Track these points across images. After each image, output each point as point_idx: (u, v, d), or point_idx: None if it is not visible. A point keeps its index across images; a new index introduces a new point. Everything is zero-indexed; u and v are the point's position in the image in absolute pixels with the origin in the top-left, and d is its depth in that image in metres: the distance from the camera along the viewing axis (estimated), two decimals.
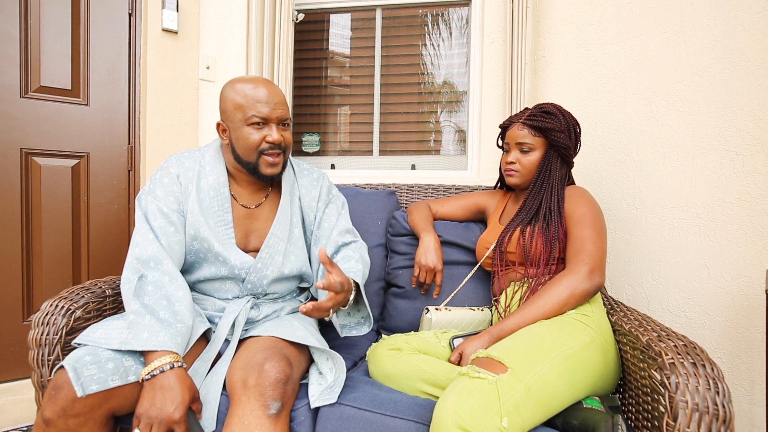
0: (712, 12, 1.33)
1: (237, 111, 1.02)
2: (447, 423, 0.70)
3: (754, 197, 1.26)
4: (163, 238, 0.99)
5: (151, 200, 1.02)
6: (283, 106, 1.05)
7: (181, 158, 1.08)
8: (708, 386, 0.69)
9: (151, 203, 1.01)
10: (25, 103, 1.57)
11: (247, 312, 1.05)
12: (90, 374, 0.80)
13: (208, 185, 1.06)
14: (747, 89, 1.27)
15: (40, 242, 1.60)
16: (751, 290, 1.27)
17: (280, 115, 1.03)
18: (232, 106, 1.02)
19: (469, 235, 1.35)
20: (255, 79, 1.04)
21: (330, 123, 2.05)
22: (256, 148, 1.02)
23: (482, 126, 1.77)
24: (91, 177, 1.68)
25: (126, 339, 0.86)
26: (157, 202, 1.01)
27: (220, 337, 1.00)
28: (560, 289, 0.96)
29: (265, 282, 1.07)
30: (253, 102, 1.01)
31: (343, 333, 1.10)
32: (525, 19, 1.60)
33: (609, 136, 1.53)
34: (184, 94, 1.83)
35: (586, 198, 1.09)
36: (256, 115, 1.00)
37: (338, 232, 1.16)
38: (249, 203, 1.11)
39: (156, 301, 0.91)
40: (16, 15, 1.54)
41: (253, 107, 1.00)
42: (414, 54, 1.96)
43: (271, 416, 0.81)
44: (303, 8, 1.97)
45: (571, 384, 0.82)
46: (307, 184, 1.19)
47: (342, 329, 1.10)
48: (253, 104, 1.01)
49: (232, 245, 1.06)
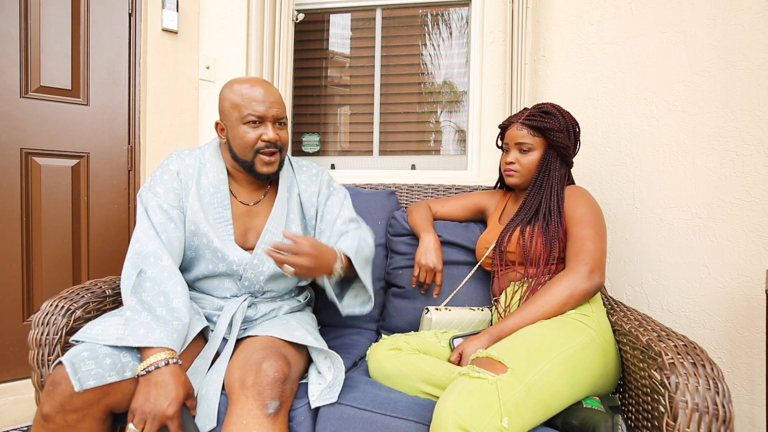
0: (712, 12, 1.33)
1: (234, 110, 1.03)
2: (447, 423, 0.70)
3: (754, 197, 1.26)
4: (163, 234, 1.00)
5: (152, 196, 1.03)
6: (279, 105, 1.05)
7: (182, 155, 1.10)
8: (708, 386, 0.69)
9: (151, 199, 1.03)
10: (25, 103, 1.57)
11: (244, 310, 1.05)
12: (87, 369, 0.81)
13: (208, 182, 1.08)
14: (747, 89, 1.27)
15: (40, 242, 1.60)
16: (751, 290, 1.26)
17: (276, 114, 1.04)
18: (229, 105, 1.03)
19: (469, 235, 1.35)
20: (252, 80, 1.05)
21: (330, 123, 2.05)
22: (252, 146, 1.03)
23: (482, 126, 1.77)
24: (91, 177, 1.68)
25: (122, 335, 0.87)
26: (158, 199, 1.03)
27: (218, 336, 1.00)
28: (560, 289, 0.96)
29: (262, 279, 1.08)
30: (249, 101, 1.02)
31: (344, 311, 1.12)
32: (525, 19, 1.60)
33: (609, 136, 1.52)
34: (184, 94, 1.83)
35: (585, 198, 1.09)
36: (251, 113, 1.02)
37: (342, 221, 1.17)
38: (248, 200, 1.12)
39: (154, 297, 0.92)
40: (16, 15, 1.54)
41: (249, 106, 1.02)
42: (414, 54, 1.96)
43: (269, 416, 0.81)
44: (303, 8, 1.97)
45: (571, 384, 0.82)
46: (306, 179, 1.20)
47: (345, 308, 1.13)
48: (248, 103, 1.02)
49: (230, 241, 1.07)
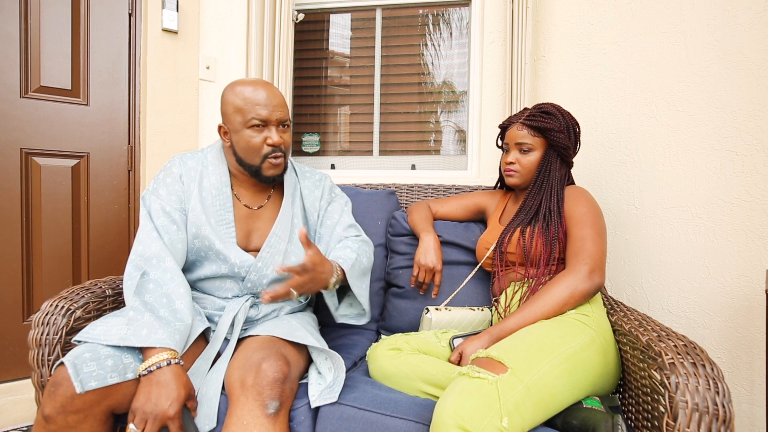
0: (712, 12, 1.32)
1: (237, 114, 1.03)
2: (447, 423, 0.70)
3: (754, 197, 1.26)
4: (165, 236, 1.00)
5: (155, 199, 1.04)
6: (283, 108, 1.05)
7: (185, 158, 1.10)
8: (708, 386, 0.69)
9: (154, 202, 1.03)
10: (25, 103, 1.57)
11: (246, 311, 1.05)
12: (89, 371, 0.81)
13: (210, 185, 1.08)
14: (747, 89, 1.27)
15: (40, 242, 1.60)
16: (751, 290, 1.26)
17: (280, 117, 1.04)
18: (232, 109, 1.03)
19: (469, 235, 1.35)
20: (255, 82, 1.05)
21: (330, 123, 2.05)
22: (258, 150, 1.04)
23: (482, 126, 1.77)
24: (91, 177, 1.68)
25: (125, 335, 0.87)
26: (160, 201, 1.03)
27: (219, 336, 1.00)
28: (560, 289, 0.96)
29: (265, 281, 1.08)
30: (252, 105, 1.01)
31: (339, 319, 1.13)
32: (525, 19, 1.60)
33: (609, 136, 1.52)
34: (184, 94, 1.83)
35: (585, 198, 1.09)
36: (255, 117, 1.01)
37: (342, 227, 1.20)
38: (252, 204, 1.12)
39: (156, 298, 0.92)
40: (16, 15, 1.54)
41: (252, 110, 1.01)
42: (414, 54, 1.96)
43: (269, 416, 0.81)
44: (303, 8, 1.97)
45: (571, 384, 0.82)
46: (310, 185, 1.22)
47: (340, 317, 1.14)
48: (252, 107, 1.01)
49: (232, 244, 1.07)
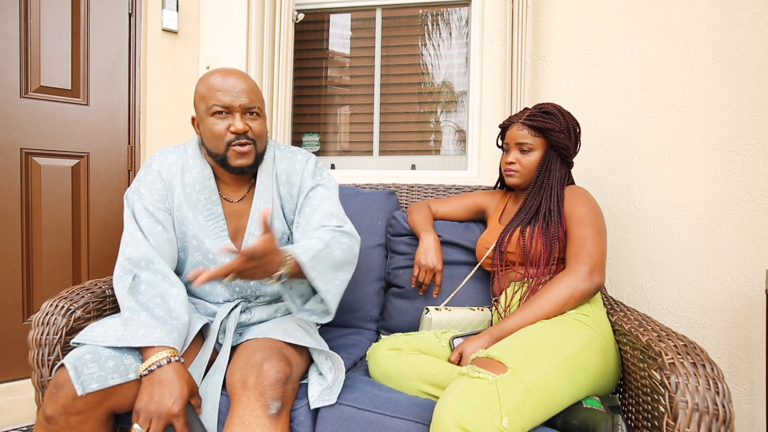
0: (712, 12, 1.32)
1: (201, 102, 0.99)
2: (447, 423, 0.70)
3: (754, 197, 1.26)
4: (151, 238, 0.97)
5: (137, 198, 1.01)
6: (250, 95, 0.99)
7: (165, 153, 1.06)
8: (708, 386, 0.69)
9: (137, 201, 1.00)
10: (25, 103, 1.57)
11: (237, 316, 1.03)
12: (90, 372, 0.81)
13: (192, 179, 1.03)
14: (747, 89, 1.27)
15: (40, 242, 1.60)
16: (751, 290, 1.26)
17: (245, 104, 0.98)
18: (198, 97, 1.00)
19: (469, 235, 1.35)
20: (222, 70, 1.00)
21: (330, 123, 2.05)
22: (221, 138, 0.98)
23: (482, 126, 1.77)
24: (91, 177, 1.68)
25: (123, 336, 0.86)
26: (143, 201, 1.00)
27: (209, 344, 0.98)
28: (560, 289, 0.96)
29: (252, 282, 1.05)
30: (214, 91, 0.97)
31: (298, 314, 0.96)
32: (525, 19, 1.60)
33: (609, 136, 1.52)
34: (184, 94, 1.83)
35: (585, 198, 1.09)
36: (216, 104, 0.96)
37: (321, 215, 1.04)
38: (232, 197, 1.08)
39: (150, 299, 0.91)
40: (16, 15, 1.53)
41: (214, 96, 0.97)
42: (414, 54, 1.96)
43: (271, 416, 0.81)
44: (303, 8, 1.97)
45: (571, 384, 0.82)
46: (287, 168, 1.09)
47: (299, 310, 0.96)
48: (213, 93, 0.97)
49: (225, 238, 1.03)
